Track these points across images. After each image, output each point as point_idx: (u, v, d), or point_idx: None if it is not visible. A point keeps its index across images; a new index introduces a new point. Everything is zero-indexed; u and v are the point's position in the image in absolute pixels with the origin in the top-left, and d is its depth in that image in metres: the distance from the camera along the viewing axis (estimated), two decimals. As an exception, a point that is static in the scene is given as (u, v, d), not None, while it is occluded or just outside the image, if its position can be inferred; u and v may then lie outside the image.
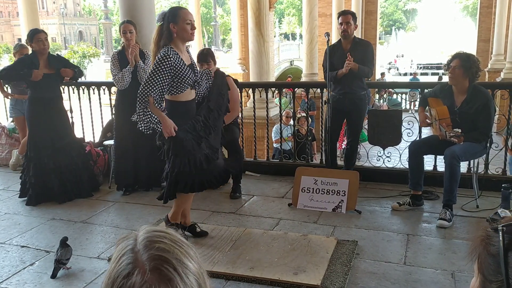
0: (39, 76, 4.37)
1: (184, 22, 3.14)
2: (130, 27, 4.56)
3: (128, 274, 0.78)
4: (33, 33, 4.46)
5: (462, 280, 2.87)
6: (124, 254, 0.81)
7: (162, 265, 0.78)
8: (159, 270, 0.78)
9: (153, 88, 3.06)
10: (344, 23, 4.45)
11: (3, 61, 40.35)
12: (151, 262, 0.78)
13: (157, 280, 0.77)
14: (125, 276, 0.78)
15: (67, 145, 4.62)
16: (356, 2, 17.53)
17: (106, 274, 0.82)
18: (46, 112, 4.47)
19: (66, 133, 4.66)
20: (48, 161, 4.47)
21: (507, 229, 0.84)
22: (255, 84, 6.01)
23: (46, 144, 4.48)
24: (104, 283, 0.81)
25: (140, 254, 0.80)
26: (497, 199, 4.06)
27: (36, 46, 4.41)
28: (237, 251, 3.31)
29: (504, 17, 16.27)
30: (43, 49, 4.42)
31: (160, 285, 0.77)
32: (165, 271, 0.78)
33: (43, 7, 57.03)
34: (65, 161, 4.56)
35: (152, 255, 0.80)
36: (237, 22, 17.26)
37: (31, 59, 4.44)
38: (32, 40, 4.40)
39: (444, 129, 3.73)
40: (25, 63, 4.43)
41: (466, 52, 3.96)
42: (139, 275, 0.77)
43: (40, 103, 4.48)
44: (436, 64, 38.93)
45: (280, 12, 57.51)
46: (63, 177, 4.55)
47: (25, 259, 3.37)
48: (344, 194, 4.11)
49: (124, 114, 4.60)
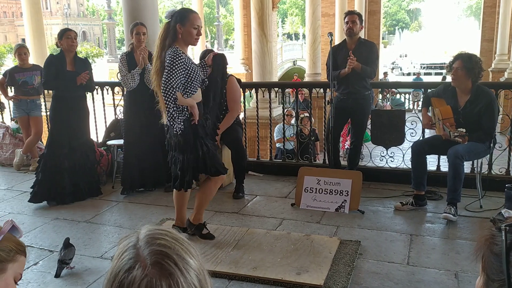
0: (82, 79, 4.47)
1: (191, 26, 3.14)
2: (143, 29, 4.58)
3: (129, 268, 0.79)
4: (64, 31, 4.59)
5: (466, 281, 2.86)
6: (126, 250, 0.83)
7: (163, 260, 0.79)
8: (160, 265, 0.79)
9: (175, 85, 3.05)
10: (350, 22, 4.47)
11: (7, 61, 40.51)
12: (152, 257, 0.80)
13: (157, 274, 0.78)
14: (127, 270, 0.79)
15: (83, 145, 4.66)
16: (359, 2, 17.52)
17: (108, 270, 0.83)
18: (68, 111, 4.52)
19: (83, 133, 4.70)
20: (63, 160, 4.49)
21: (510, 228, 0.85)
22: (258, 84, 6.00)
23: (62, 142, 4.52)
24: (106, 279, 0.82)
25: (141, 249, 0.81)
26: (501, 199, 4.04)
27: (65, 43, 4.49)
28: (240, 251, 3.31)
29: (507, 17, 16.21)
30: (72, 46, 4.52)
31: (161, 279, 0.78)
32: (166, 265, 0.79)
33: (47, 8, 57.19)
34: (80, 160, 4.59)
35: (153, 251, 0.81)
36: (240, 22, 17.29)
37: (59, 58, 4.53)
38: (62, 37, 4.50)
39: (448, 129, 3.72)
40: (53, 64, 4.50)
41: (468, 53, 3.95)
42: (140, 269, 0.78)
43: (64, 102, 4.54)
44: (440, 64, 38.83)
45: (283, 12, 57.52)
46: (77, 177, 4.56)
47: (29, 258, 3.37)
48: (347, 194, 4.11)
49: (133, 115, 4.65)
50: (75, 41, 4.59)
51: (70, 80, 4.47)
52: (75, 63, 4.57)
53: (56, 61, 4.53)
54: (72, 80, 4.47)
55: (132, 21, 4.75)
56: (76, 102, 4.60)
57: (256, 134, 5.52)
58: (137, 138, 4.66)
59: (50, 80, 4.52)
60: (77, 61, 4.61)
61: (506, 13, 16.22)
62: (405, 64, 46.93)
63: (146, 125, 4.63)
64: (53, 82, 4.52)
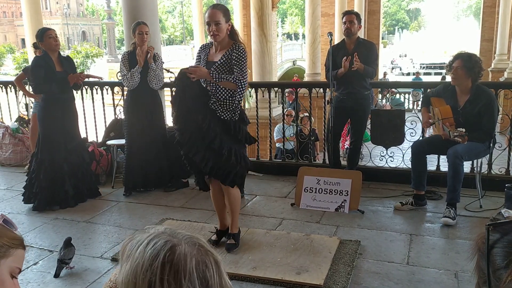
0: (79, 80, 4.39)
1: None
2: (146, 28, 4.54)
3: (172, 247, 0.80)
4: (43, 31, 4.40)
5: (465, 280, 2.86)
6: (154, 238, 0.82)
7: (199, 242, 0.83)
8: (200, 246, 0.82)
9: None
10: (348, 22, 4.47)
11: (7, 61, 40.50)
12: (188, 240, 0.82)
13: (203, 252, 0.81)
14: (169, 249, 0.80)
15: (78, 146, 4.58)
16: (359, 2, 17.52)
17: (131, 265, 0.81)
18: (60, 113, 4.38)
19: (76, 134, 4.61)
20: (63, 164, 4.39)
21: (494, 228, 0.85)
22: (257, 84, 6.00)
23: (59, 146, 4.40)
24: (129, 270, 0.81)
25: (173, 235, 0.83)
26: (501, 199, 4.04)
27: (47, 43, 4.32)
28: (239, 251, 3.31)
29: (507, 17, 16.22)
30: (55, 45, 4.36)
31: (207, 254, 0.80)
32: (205, 246, 0.83)
33: (47, 8, 57.16)
34: (77, 162, 4.52)
35: (184, 236, 0.83)
36: (240, 22, 17.26)
37: (45, 60, 4.33)
38: (43, 38, 4.32)
39: (448, 128, 3.72)
40: (41, 67, 4.31)
41: (468, 52, 3.95)
42: (186, 245, 0.80)
43: (55, 104, 4.39)
44: (439, 63, 38.83)
45: (283, 12, 57.50)
46: (76, 179, 4.50)
47: (29, 258, 3.37)
48: (347, 194, 4.11)
49: (135, 114, 4.63)
50: (58, 39, 4.43)
51: (62, 81, 4.33)
52: (61, 62, 4.42)
53: (44, 63, 4.32)
54: (64, 80, 4.34)
55: (132, 21, 4.74)
56: (68, 103, 4.48)
57: (256, 134, 5.52)
58: (139, 138, 4.65)
59: (40, 83, 4.31)
60: (63, 60, 4.45)
61: (505, 13, 16.23)
62: (405, 64, 46.92)
63: (148, 125, 4.63)
64: (44, 85, 4.30)
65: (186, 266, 0.78)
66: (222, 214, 3.47)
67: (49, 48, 4.35)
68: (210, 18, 3.10)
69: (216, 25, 3.09)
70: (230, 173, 3.21)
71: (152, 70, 4.54)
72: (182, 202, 4.45)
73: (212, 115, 3.16)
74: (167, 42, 59.40)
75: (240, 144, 3.30)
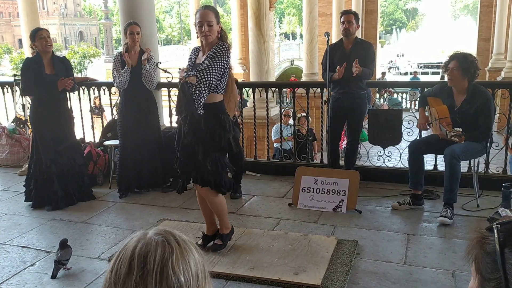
0: (67, 85, 4.30)
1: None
2: (137, 28, 4.53)
3: (142, 236, 0.91)
4: (35, 31, 4.33)
5: (463, 280, 2.87)
6: (134, 237, 0.93)
7: (168, 235, 0.92)
8: (163, 237, 0.91)
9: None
10: (346, 22, 4.46)
11: (4, 62, 40.38)
12: (158, 235, 0.92)
13: (159, 242, 0.89)
14: (140, 238, 0.91)
15: (69, 148, 4.51)
16: (356, 2, 17.54)
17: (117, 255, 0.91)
18: (50, 115, 4.33)
19: (68, 136, 4.54)
20: (51, 165, 4.36)
21: (502, 227, 0.86)
22: (255, 84, 6.00)
23: (48, 147, 4.37)
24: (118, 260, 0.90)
25: (149, 233, 0.93)
26: (498, 199, 4.05)
27: (39, 44, 4.25)
28: (237, 251, 3.31)
29: (504, 16, 16.26)
30: (47, 46, 4.28)
31: (158, 244, 0.89)
32: (171, 239, 0.92)
33: (44, 8, 57.07)
34: (67, 165, 4.47)
35: (160, 231, 0.93)
36: (237, 21, 17.28)
37: (36, 62, 4.27)
38: (35, 38, 4.25)
39: (445, 128, 3.73)
40: (31, 69, 4.26)
41: (464, 52, 3.95)
42: (149, 235, 0.91)
43: (44, 105, 4.34)
44: (437, 63, 38.91)
45: (280, 11, 57.49)
46: (66, 182, 4.46)
47: (26, 259, 3.37)
48: (344, 194, 4.11)
49: (129, 114, 4.62)
50: (49, 40, 4.32)
51: (50, 84, 4.25)
52: (54, 64, 4.34)
53: (34, 64, 4.26)
54: (52, 83, 4.25)
55: (128, 20, 4.73)
56: (58, 105, 4.41)
57: (254, 134, 5.52)
58: (133, 138, 4.64)
59: (29, 86, 4.27)
60: (55, 62, 4.37)
61: (502, 12, 16.27)
62: (402, 63, 47.01)
63: (142, 126, 4.62)
64: (32, 88, 4.26)
65: (135, 250, 0.88)
66: (208, 219, 3.46)
67: (40, 49, 4.29)
68: (203, 18, 3.07)
69: (209, 25, 3.08)
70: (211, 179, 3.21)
71: (147, 72, 4.54)
72: (180, 203, 4.44)
73: (196, 126, 3.14)
74: (165, 42, 59.34)
75: (222, 152, 3.29)
